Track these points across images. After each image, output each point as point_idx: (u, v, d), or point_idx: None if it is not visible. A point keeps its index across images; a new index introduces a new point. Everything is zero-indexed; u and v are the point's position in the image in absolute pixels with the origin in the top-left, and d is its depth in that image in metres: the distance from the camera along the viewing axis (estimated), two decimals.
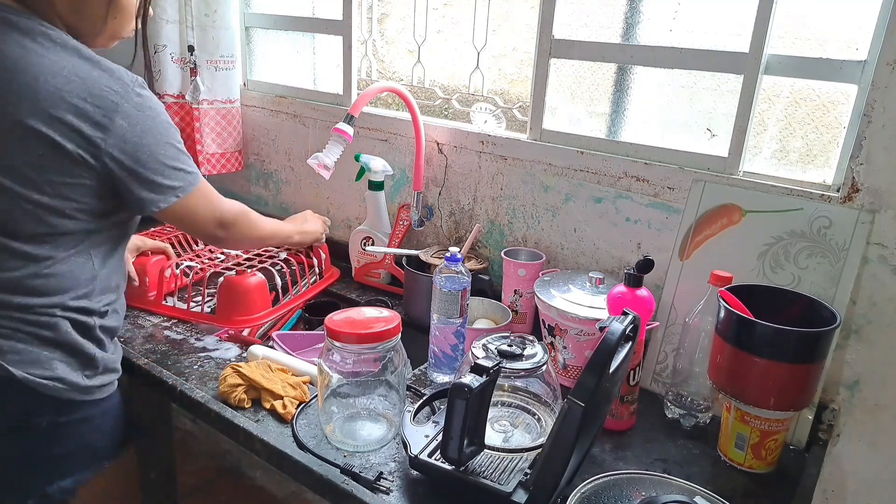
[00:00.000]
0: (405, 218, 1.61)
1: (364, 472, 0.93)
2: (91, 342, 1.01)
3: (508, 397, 1.04)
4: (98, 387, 1.02)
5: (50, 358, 0.96)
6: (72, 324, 0.98)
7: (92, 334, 1.01)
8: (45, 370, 0.95)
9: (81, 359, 1.00)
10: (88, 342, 1.00)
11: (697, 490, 0.87)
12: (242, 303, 1.36)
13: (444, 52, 1.61)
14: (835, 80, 1.12)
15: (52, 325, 0.96)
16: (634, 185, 1.30)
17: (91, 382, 1.00)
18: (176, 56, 1.78)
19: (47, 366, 0.96)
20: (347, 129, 1.44)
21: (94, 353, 1.01)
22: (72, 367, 0.98)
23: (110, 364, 1.05)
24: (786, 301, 1.03)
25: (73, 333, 0.98)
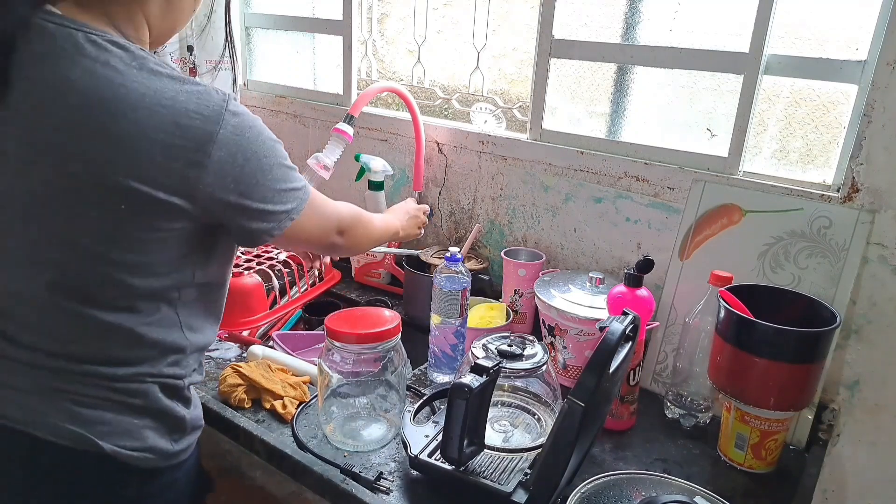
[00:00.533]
0: None
1: (364, 472, 0.93)
2: (179, 402, 0.89)
3: (508, 397, 1.04)
4: (184, 449, 0.90)
5: (140, 427, 0.85)
6: (161, 388, 0.86)
7: (181, 395, 0.90)
8: (136, 441, 0.84)
9: (170, 423, 0.88)
10: (177, 403, 0.89)
11: (697, 490, 0.87)
12: (239, 305, 1.33)
13: (444, 52, 1.61)
14: (835, 80, 1.12)
15: (141, 393, 0.85)
16: (634, 185, 1.30)
17: (178, 447, 0.89)
18: (175, 56, 1.78)
19: (137, 436, 0.84)
20: (347, 129, 1.44)
21: (183, 415, 0.89)
22: (160, 434, 0.87)
23: (197, 422, 0.93)
24: (786, 301, 1.03)
25: (163, 398, 0.87)
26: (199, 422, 0.94)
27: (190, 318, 0.88)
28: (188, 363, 0.89)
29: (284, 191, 0.85)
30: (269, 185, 0.83)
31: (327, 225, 0.96)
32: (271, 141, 0.85)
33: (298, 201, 0.87)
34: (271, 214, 0.84)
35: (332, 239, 0.98)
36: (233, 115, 0.79)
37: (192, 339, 0.89)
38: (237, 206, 0.81)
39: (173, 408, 0.88)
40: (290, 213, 0.87)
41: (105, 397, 0.82)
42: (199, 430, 0.94)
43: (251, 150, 0.80)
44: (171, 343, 0.86)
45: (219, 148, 0.77)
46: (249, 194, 0.81)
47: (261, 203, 0.82)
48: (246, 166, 0.80)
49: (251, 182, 0.81)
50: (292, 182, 0.87)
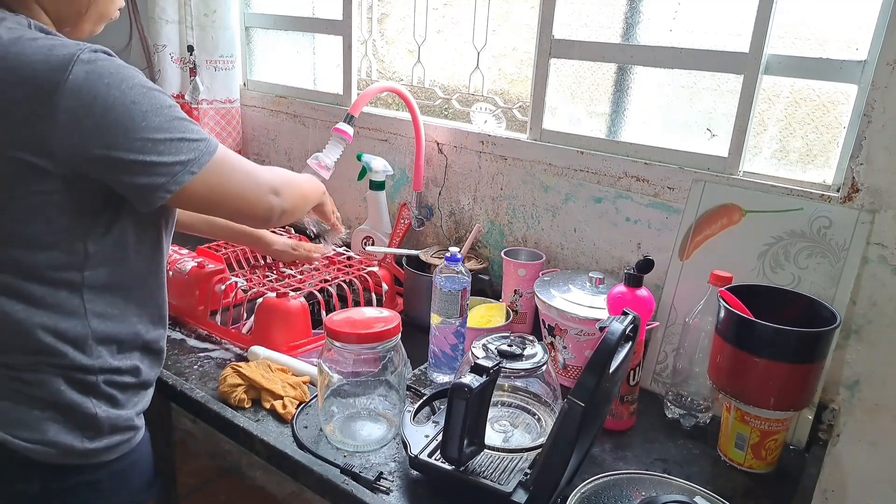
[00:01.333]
0: (405, 217, 1.61)
1: (364, 472, 0.93)
2: (93, 398, 0.84)
3: (508, 397, 1.04)
4: (104, 449, 0.85)
5: (41, 419, 0.81)
6: (66, 381, 0.82)
7: (95, 390, 0.84)
8: (34, 433, 0.80)
9: (79, 419, 0.83)
10: (88, 399, 0.83)
11: (697, 490, 0.87)
12: (280, 327, 1.24)
13: (444, 52, 1.61)
14: (835, 80, 1.12)
15: (40, 383, 0.81)
16: (634, 185, 1.30)
17: (93, 445, 0.84)
18: (175, 56, 1.78)
19: (36, 428, 0.80)
20: (347, 129, 1.44)
21: (97, 413, 0.84)
22: (67, 429, 0.82)
23: (122, 422, 0.87)
24: (786, 301, 1.03)
25: (68, 392, 0.82)
26: (126, 422, 0.88)
27: (100, 305, 0.83)
28: (98, 354, 0.84)
29: (172, 140, 0.77)
30: (147, 133, 0.75)
31: (257, 184, 0.88)
32: (145, 88, 0.76)
33: (197, 153, 0.79)
34: (157, 166, 0.76)
35: (269, 200, 0.90)
36: (84, 63, 0.72)
37: (98, 327, 0.83)
38: (108, 159, 0.74)
39: (83, 403, 0.83)
40: (188, 166, 0.78)
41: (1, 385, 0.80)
42: (129, 432, 0.89)
43: (112, 97, 0.73)
44: (68, 331, 0.81)
45: (67, 97, 0.71)
46: (120, 145, 0.74)
47: (139, 154, 0.75)
48: (108, 114, 0.73)
49: (119, 131, 0.74)
50: (183, 132, 0.78)
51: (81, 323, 0.82)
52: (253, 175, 0.88)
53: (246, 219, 0.92)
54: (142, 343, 0.90)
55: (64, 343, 0.81)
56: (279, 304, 1.25)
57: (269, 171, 0.92)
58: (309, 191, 1.07)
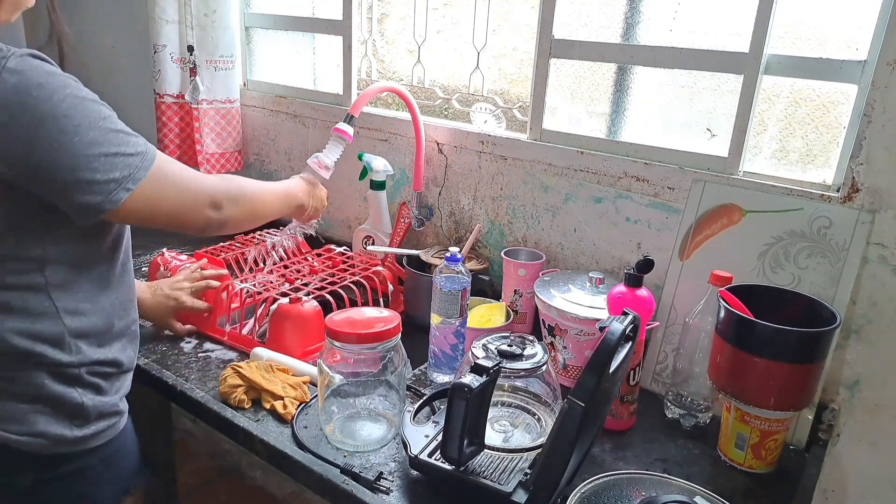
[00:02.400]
0: (405, 216, 1.61)
1: (364, 472, 0.93)
2: (77, 388, 0.85)
3: (508, 397, 1.04)
4: (92, 435, 0.87)
5: (28, 412, 0.82)
6: (49, 375, 0.83)
7: (79, 381, 0.85)
8: (23, 425, 0.81)
9: (66, 408, 0.84)
10: (73, 389, 0.85)
11: (697, 490, 0.87)
12: (296, 333, 1.23)
13: (444, 52, 1.61)
14: (835, 80, 1.12)
15: (24, 379, 0.82)
16: (634, 185, 1.30)
17: (82, 432, 0.85)
18: (175, 56, 1.78)
19: (25, 420, 0.82)
20: (347, 129, 1.44)
21: (81, 401, 0.85)
22: (55, 419, 0.83)
23: (108, 408, 0.89)
24: (786, 301, 1.03)
25: (53, 385, 0.83)
26: (112, 408, 0.90)
27: (70, 302, 0.83)
28: (78, 350, 0.84)
29: (106, 156, 0.75)
30: (80, 149, 0.73)
31: (193, 198, 0.86)
32: (79, 99, 0.74)
33: (131, 168, 0.77)
34: (91, 184, 0.74)
35: (205, 214, 0.88)
36: (12, 74, 0.69)
37: (72, 324, 0.83)
38: (42, 177, 0.73)
39: (68, 394, 0.84)
40: (122, 183, 0.76)
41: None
42: (115, 417, 0.90)
43: (42, 111, 0.71)
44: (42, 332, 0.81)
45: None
46: (53, 162, 0.72)
47: (72, 171, 0.73)
48: (39, 128, 0.71)
49: (53, 146, 0.71)
50: (119, 146, 0.76)
51: (55, 322, 0.82)
52: (191, 187, 0.87)
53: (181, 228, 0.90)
54: (118, 331, 0.90)
55: (41, 344, 0.82)
56: (293, 309, 1.23)
57: (215, 182, 0.91)
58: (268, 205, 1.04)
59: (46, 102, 0.71)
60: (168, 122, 1.82)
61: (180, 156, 1.84)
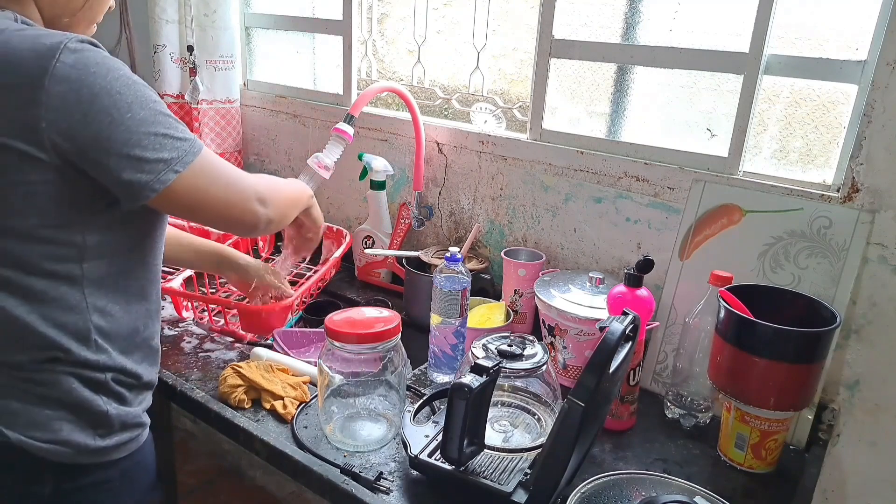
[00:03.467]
0: (406, 216, 1.61)
1: (364, 472, 0.93)
2: (103, 396, 0.84)
3: (508, 397, 1.04)
4: (115, 447, 0.86)
5: (52, 418, 0.80)
6: (78, 379, 0.82)
7: (105, 388, 0.84)
8: (47, 432, 0.80)
9: (91, 417, 0.83)
10: (99, 397, 0.84)
11: (697, 490, 0.87)
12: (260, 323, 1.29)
13: (444, 52, 1.61)
14: (835, 80, 1.12)
15: (50, 383, 0.80)
16: (634, 185, 1.30)
17: (105, 443, 0.84)
18: (175, 56, 1.79)
19: (49, 427, 0.80)
20: (347, 129, 1.44)
21: (105, 409, 0.84)
22: (79, 427, 0.82)
23: (131, 419, 0.87)
24: (786, 301, 1.03)
25: (81, 390, 0.82)
26: (135, 419, 0.88)
27: (100, 300, 0.82)
28: (103, 350, 0.83)
29: (156, 135, 0.76)
30: (131, 125, 0.74)
31: (241, 191, 0.86)
32: (132, 81, 0.76)
33: (181, 151, 0.78)
34: (141, 162, 0.75)
35: (253, 208, 0.87)
36: (72, 52, 0.73)
37: (99, 322, 0.82)
38: (95, 150, 0.74)
39: (94, 401, 0.83)
40: (171, 164, 0.77)
41: (10, 385, 0.79)
42: (138, 429, 0.89)
43: (99, 86, 0.73)
44: (68, 325, 0.80)
45: (56, 82, 0.71)
46: (106, 135, 0.73)
47: (124, 147, 0.74)
48: (95, 103, 0.73)
49: (105, 120, 0.73)
50: (168, 128, 0.78)
51: (82, 318, 0.81)
52: (239, 180, 0.86)
53: (230, 226, 0.90)
54: (141, 340, 0.89)
55: (67, 336, 0.80)
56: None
57: (256, 178, 0.91)
58: (297, 198, 1.04)
59: (102, 79, 0.73)
60: None
61: None
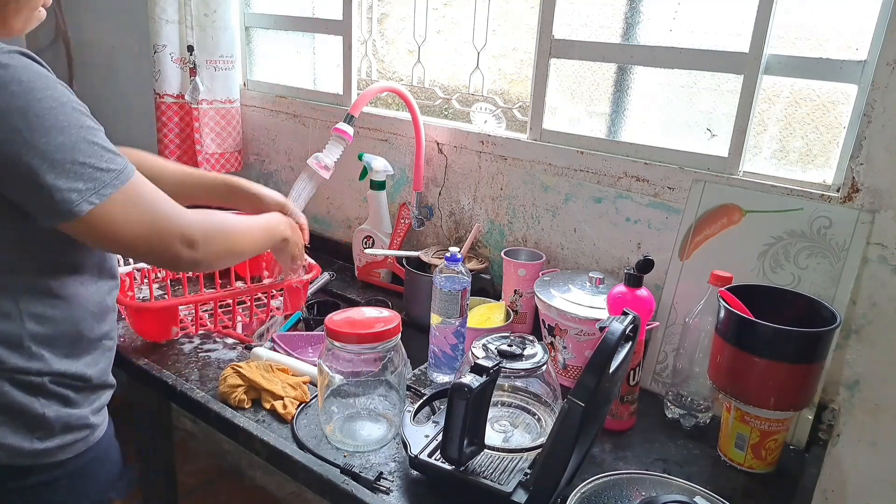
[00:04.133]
0: (405, 216, 1.61)
1: (364, 472, 0.93)
2: (40, 398, 0.82)
3: (508, 397, 1.04)
4: (57, 448, 0.84)
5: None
6: (10, 383, 0.80)
7: (42, 390, 0.82)
8: None
9: (26, 420, 0.81)
10: (35, 399, 0.82)
11: (697, 490, 0.87)
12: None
13: (444, 52, 1.61)
14: (835, 80, 1.12)
15: None
16: (634, 185, 1.30)
17: (45, 445, 0.82)
18: (175, 56, 1.78)
19: None
20: (347, 129, 1.45)
21: (42, 412, 0.82)
22: (13, 430, 0.80)
23: (75, 421, 0.85)
24: (786, 301, 1.03)
25: (14, 393, 0.80)
26: (80, 421, 0.86)
27: (36, 307, 0.81)
28: (39, 356, 0.81)
29: (73, 163, 0.73)
30: (46, 151, 0.71)
31: (165, 229, 0.82)
32: (57, 104, 0.73)
33: (98, 183, 0.74)
34: (54, 190, 0.72)
35: (174, 250, 0.83)
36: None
37: (35, 329, 0.81)
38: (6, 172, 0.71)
39: (30, 404, 0.81)
40: (85, 195, 0.73)
41: None
42: (84, 430, 0.87)
43: (15, 107, 0.70)
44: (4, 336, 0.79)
45: None
46: (16, 159, 0.70)
47: (36, 172, 0.71)
48: (8, 123, 0.70)
49: (18, 143, 0.70)
50: (89, 157, 0.74)
51: (15, 325, 0.80)
52: (165, 218, 0.82)
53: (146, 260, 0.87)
54: (87, 342, 0.87)
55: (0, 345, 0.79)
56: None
57: (191, 217, 0.86)
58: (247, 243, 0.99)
59: (20, 99, 0.70)
60: (168, 123, 1.82)
61: (180, 156, 1.84)
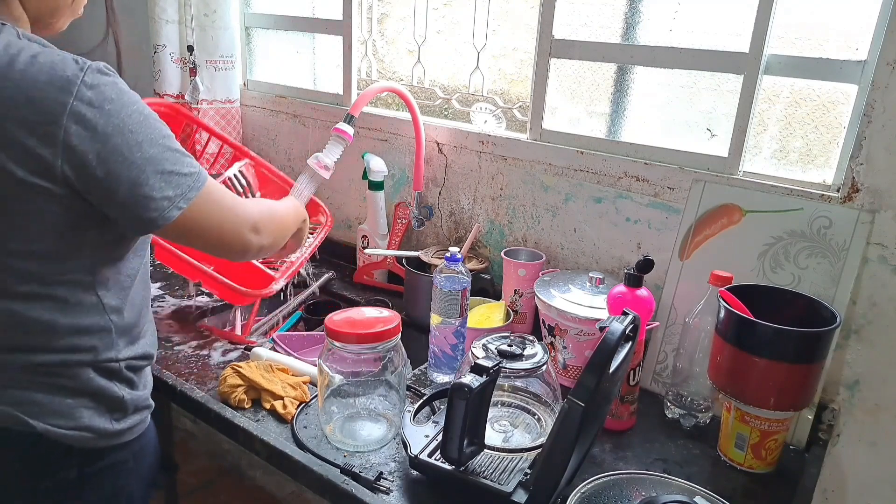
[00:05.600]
0: (403, 216, 1.61)
1: (364, 472, 0.93)
2: (118, 383, 0.89)
3: (508, 397, 1.04)
4: (128, 429, 0.91)
5: (74, 406, 0.85)
6: (94, 370, 0.86)
7: (119, 375, 0.89)
8: (70, 420, 0.84)
9: (108, 402, 0.88)
10: (114, 384, 0.89)
11: (697, 490, 0.87)
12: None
13: (444, 52, 1.61)
14: (835, 80, 1.12)
15: (71, 375, 0.85)
16: (634, 185, 1.29)
17: (121, 426, 0.89)
18: (175, 56, 1.78)
19: (71, 415, 0.84)
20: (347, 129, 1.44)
21: (122, 395, 0.89)
22: (98, 413, 0.87)
23: (141, 402, 0.93)
24: (786, 301, 1.03)
25: (97, 379, 0.86)
26: (145, 402, 0.94)
27: (112, 300, 0.87)
28: (118, 344, 0.88)
29: (163, 173, 0.78)
30: (142, 164, 0.77)
31: (237, 221, 0.88)
32: (143, 117, 0.78)
33: (184, 188, 0.80)
34: (148, 200, 0.78)
35: (247, 238, 0.90)
36: (89, 88, 0.74)
37: (115, 320, 0.87)
38: (104, 188, 0.76)
39: (110, 388, 0.88)
40: (175, 202, 0.80)
41: (33, 380, 0.83)
42: (145, 411, 0.95)
43: (113, 125, 0.75)
44: (94, 327, 0.85)
45: (74, 121, 0.73)
46: (116, 174, 0.75)
47: (133, 186, 0.76)
48: (108, 142, 0.74)
49: (117, 160, 0.75)
50: (175, 165, 0.80)
51: (102, 318, 0.86)
52: (235, 210, 0.88)
53: (223, 253, 0.92)
54: (143, 326, 0.94)
55: (92, 338, 0.85)
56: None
57: (253, 205, 0.93)
58: (291, 223, 1.05)
59: (116, 117, 0.75)
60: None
61: None
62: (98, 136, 0.74)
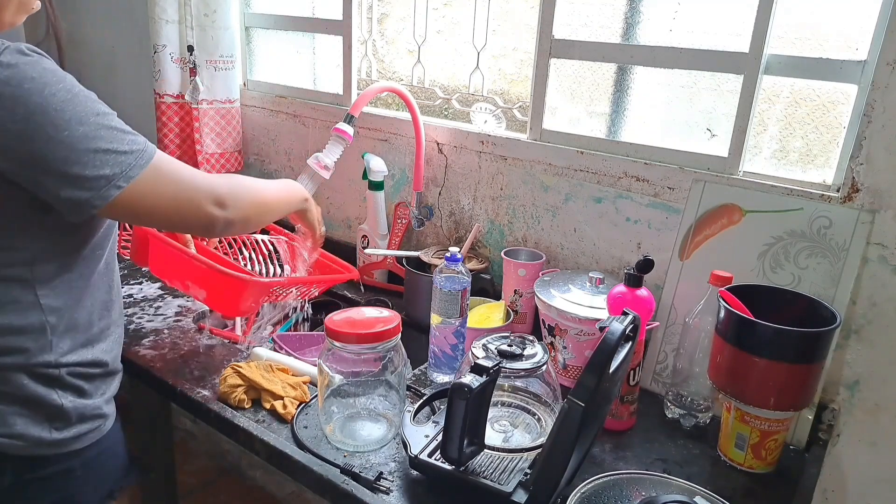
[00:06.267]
0: (403, 216, 1.61)
1: (364, 472, 0.93)
2: (61, 390, 0.85)
3: (508, 397, 1.04)
4: (73, 438, 0.87)
5: (6, 413, 0.82)
6: (28, 375, 0.82)
7: (62, 383, 0.85)
8: (2, 427, 0.81)
9: (45, 411, 0.84)
10: (52, 391, 0.84)
11: (697, 490, 0.87)
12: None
13: (444, 52, 1.61)
14: (835, 80, 1.12)
15: (3, 380, 0.82)
16: (634, 185, 1.30)
17: (63, 435, 0.85)
18: (175, 56, 1.78)
19: (3, 422, 0.81)
20: (347, 129, 1.44)
21: (60, 403, 0.85)
22: (34, 421, 0.83)
23: (90, 411, 0.88)
24: (786, 301, 1.03)
25: (32, 385, 0.83)
26: (95, 411, 0.89)
27: (53, 300, 0.83)
28: (59, 348, 0.84)
29: (96, 151, 0.74)
30: (70, 143, 0.73)
31: (195, 196, 0.83)
32: (71, 95, 0.74)
33: (123, 166, 0.76)
34: (81, 180, 0.74)
35: (208, 211, 0.84)
36: (5, 67, 0.70)
37: (54, 321, 0.83)
38: (33, 170, 0.73)
39: (48, 396, 0.84)
40: (113, 180, 0.75)
41: None
42: (97, 420, 0.90)
43: (34, 103, 0.71)
44: (28, 327, 0.81)
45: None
46: (43, 155, 0.72)
47: (63, 165, 0.73)
48: (30, 120, 0.71)
49: (41, 140, 0.72)
50: (111, 143, 0.76)
51: (38, 318, 0.82)
52: (194, 184, 0.84)
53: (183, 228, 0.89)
54: (99, 330, 0.90)
55: (24, 339, 0.82)
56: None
57: (216, 179, 0.89)
58: (272, 198, 1.00)
59: (37, 95, 0.72)
60: (168, 123, 1.82)
61: (180, 156, 1.84)
62: (17, 116, 0.71)
